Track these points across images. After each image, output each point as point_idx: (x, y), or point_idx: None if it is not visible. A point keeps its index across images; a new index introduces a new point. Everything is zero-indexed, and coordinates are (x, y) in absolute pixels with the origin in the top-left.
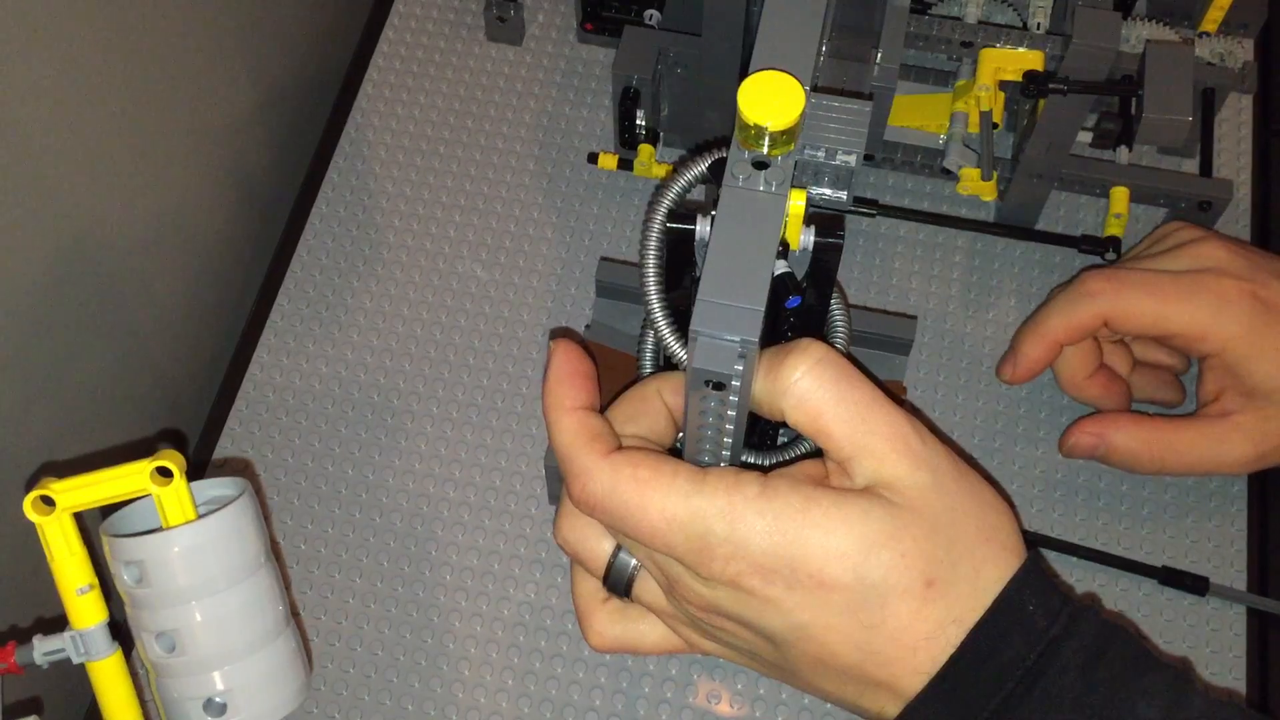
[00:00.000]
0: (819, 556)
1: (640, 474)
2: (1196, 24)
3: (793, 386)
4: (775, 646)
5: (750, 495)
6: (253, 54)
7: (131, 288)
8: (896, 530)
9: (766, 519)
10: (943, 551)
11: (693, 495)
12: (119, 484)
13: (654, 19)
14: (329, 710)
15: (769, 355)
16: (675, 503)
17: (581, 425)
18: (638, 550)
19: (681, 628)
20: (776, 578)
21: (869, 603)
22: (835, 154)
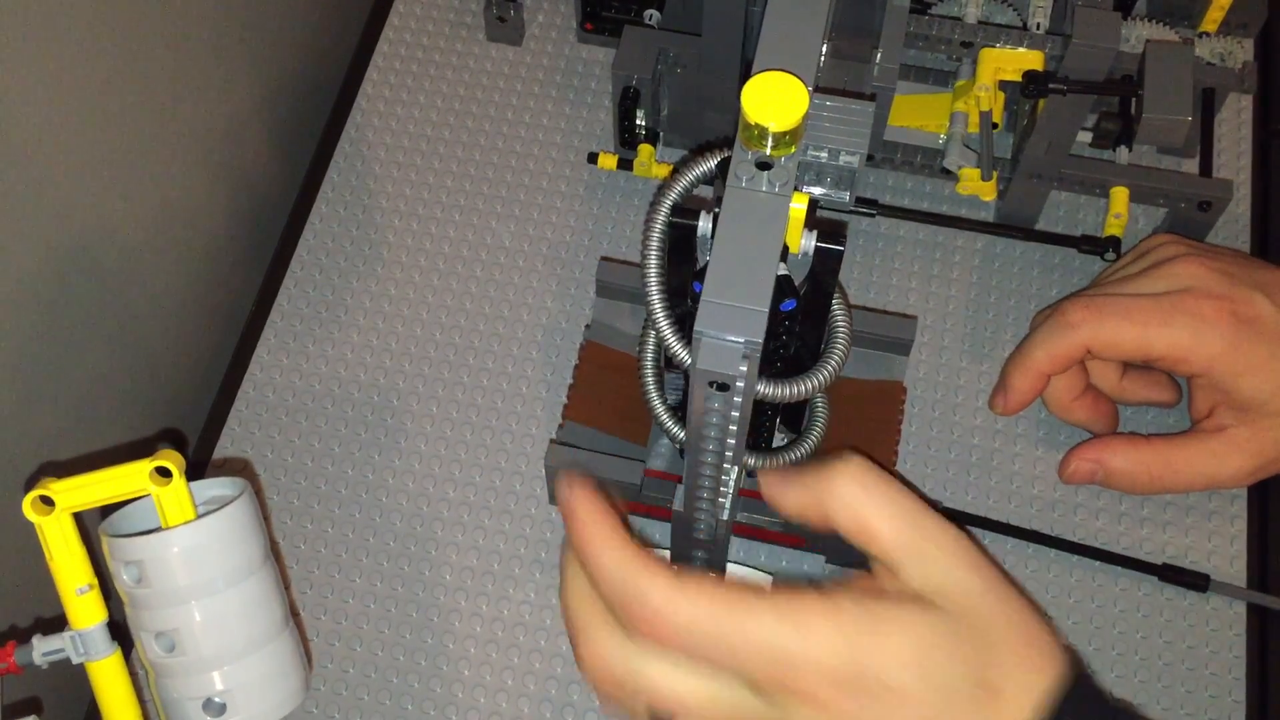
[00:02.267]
0: (887, 664)
1: (723, 595)
2: (1196, 24)
3: (840, 490)
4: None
5: (817, 610)
6: (253, 54)
7: (131, 288)
8: (954, 634)
9: (835, 630)
10: (997, 657)
11: (764, 614)
12: (118, 484)
13: (654, 19)
14: (329, 710)
15: (811, 468)
16: (754, 625)
17: (636, 552)
18: (688, 685)
19: None
20: (850, 689)
21: (934, 706)
22: (838, 155)
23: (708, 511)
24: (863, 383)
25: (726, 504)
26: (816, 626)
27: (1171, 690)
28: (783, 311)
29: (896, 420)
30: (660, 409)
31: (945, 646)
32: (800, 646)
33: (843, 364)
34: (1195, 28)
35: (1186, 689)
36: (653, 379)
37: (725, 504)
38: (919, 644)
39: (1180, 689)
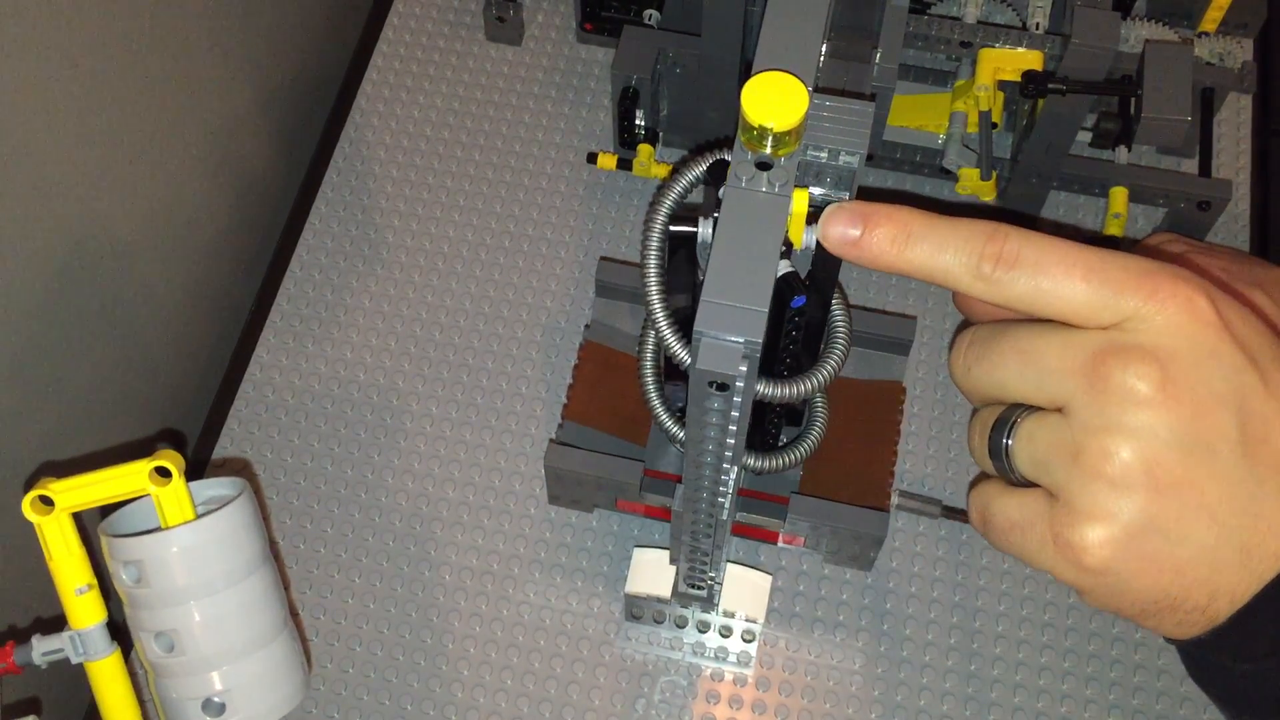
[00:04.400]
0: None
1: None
2: (1196, 24)
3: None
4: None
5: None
6: (253, 54)
7: (131, 288)
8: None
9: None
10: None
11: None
12: (118, 484)
13: (653, 19)
14: (328, 710)
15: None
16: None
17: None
18: (1041, 375)
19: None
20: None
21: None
22: (838, 155)
23: (707, 512)
24: (863, 383)
25: (726, 504)
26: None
27: (1171, 691)
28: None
29: (896, 420)
30: (660, 409)
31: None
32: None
33: (843, 364)
34: (1195, 28)
35: (1185, 691)
36: (653, 379)
37: (725, 504)
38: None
39: (1180, 690)
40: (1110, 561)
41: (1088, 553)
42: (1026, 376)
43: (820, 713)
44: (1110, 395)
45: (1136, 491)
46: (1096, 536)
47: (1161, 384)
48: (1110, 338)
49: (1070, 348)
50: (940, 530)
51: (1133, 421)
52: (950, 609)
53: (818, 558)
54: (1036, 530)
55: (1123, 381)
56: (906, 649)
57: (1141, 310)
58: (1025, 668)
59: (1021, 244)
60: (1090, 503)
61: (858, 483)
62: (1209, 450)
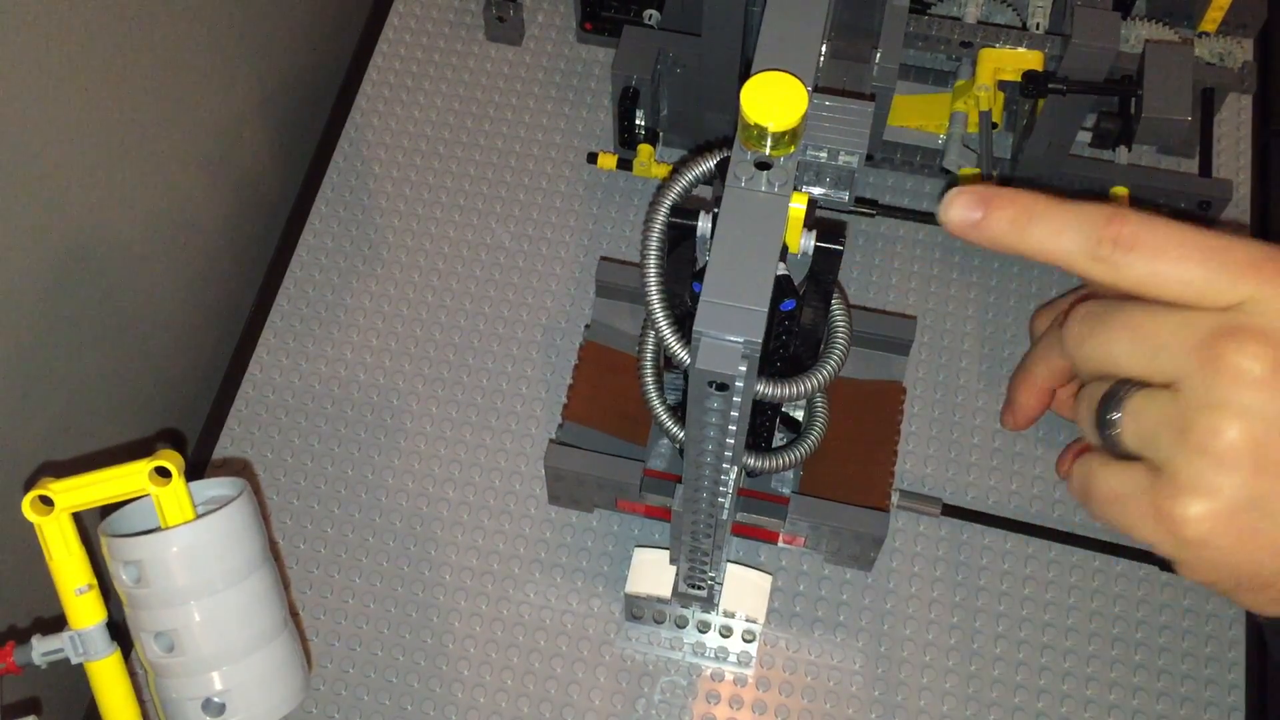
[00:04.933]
0: None
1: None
2: (1196, 24)
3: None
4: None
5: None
6: (253, 54)
7: (131, 288)
8: None
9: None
10: None
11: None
12: (118, 484)
13: (654, 19)
14: (329, 710)
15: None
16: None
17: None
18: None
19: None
20: None
21: None
22: (837, 155)
23: (707, 512)
24: (863, 383)
25: (726, 504)
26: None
27: (1171, 691)
28: (783, 311)
29: (896, 420)
30: (660, 409)
31: None
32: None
33: (843, 364)
34: (1195, 28)
35: (1185, 691)
36: (653, 379)
37: (725, 504)
38: None
39: (1180, 690)
40: (1209, 535)
41: (1188, 525)
42: (1139, 352)
43: (820, 713)
44: (1223, 374)
45: (1241, 469)
46: (1198, 510)
47: (1276, 366)
48: (1227, 318)
49: (1186, 326)
50: (940, 530)
51: (1243, 401)
52: (950, 609)
53: (818, 558)
54: (1139, 502)
55: (1237, 361)
56: (906, 649)
57: (1258, 294)
58: (1025, 668)
59: (1139, 227)
60: (1194, 477)
61: (858, 483)
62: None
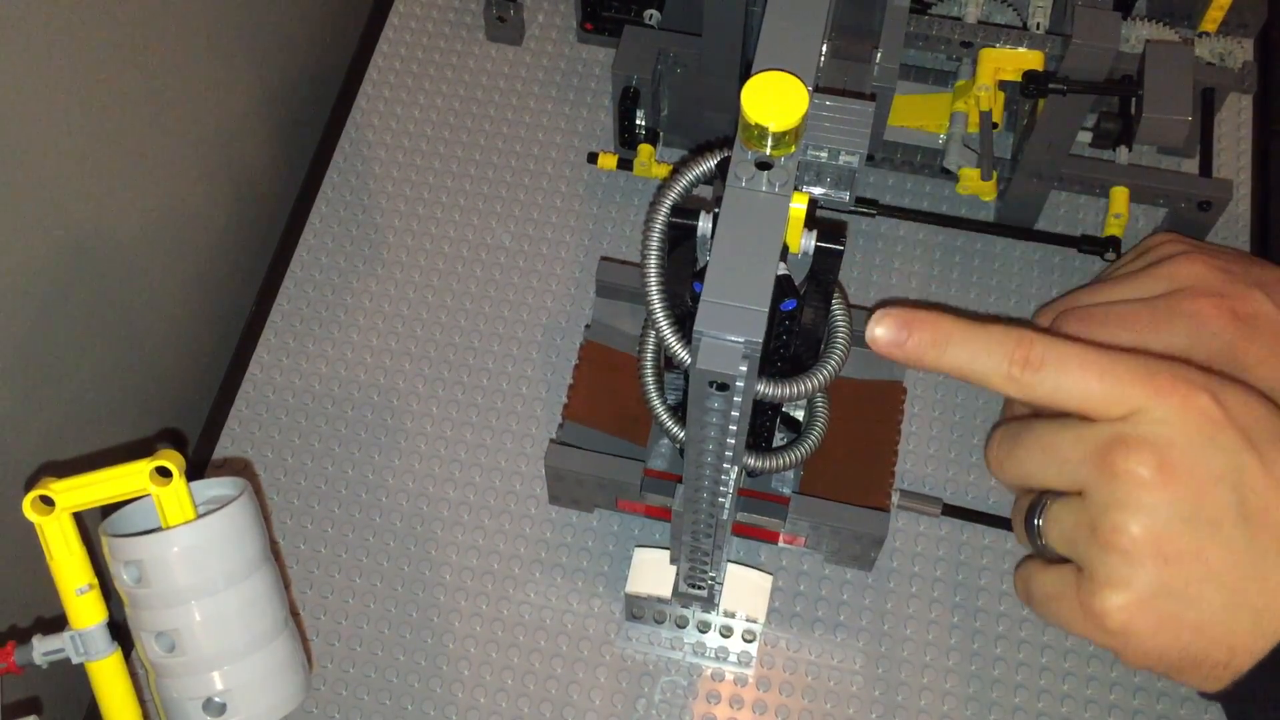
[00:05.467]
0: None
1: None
2: (1196, 24)
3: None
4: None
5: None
6: (253, 54)
7: (131, 288)
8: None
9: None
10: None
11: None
12: (118, 484)
13: (654, 19)
14: (329, 710)
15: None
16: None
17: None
18: (1062, 463)
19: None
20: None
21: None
22: (838, 155)
23: (708, 511)
24: (863, 383)
25: (726, 504)
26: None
27: (1171, 691)
28: (783, 311)
29: (896, 420)
30: (660, 409)
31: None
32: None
33: (843, 364)
34: (1195, 28)
35: (1185, 691)
36: (653, 379)
37: (725, 504)
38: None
39: (1180, 690)
40: (1130, 624)
41: (1109, 616)
42: (1048, 467)
43: (821, 713)
44: (1117, 479)
45: (1147, 561)
46: (1116, 602)
47: (1160, 467)
48: (1116, 429)
49: (1083, 440)
50: (940, 530)
51: (1139, 501)
52: (950, 609)
53: (818, 558)
54: (1068, 599)
55: (1126, 467)
56: (906, 649)
57: (1146, 404)
58: (1025, 668)
59: (1045, 348)
60: (1108, 572)
61: (858, 483)
62: (1211, 524)
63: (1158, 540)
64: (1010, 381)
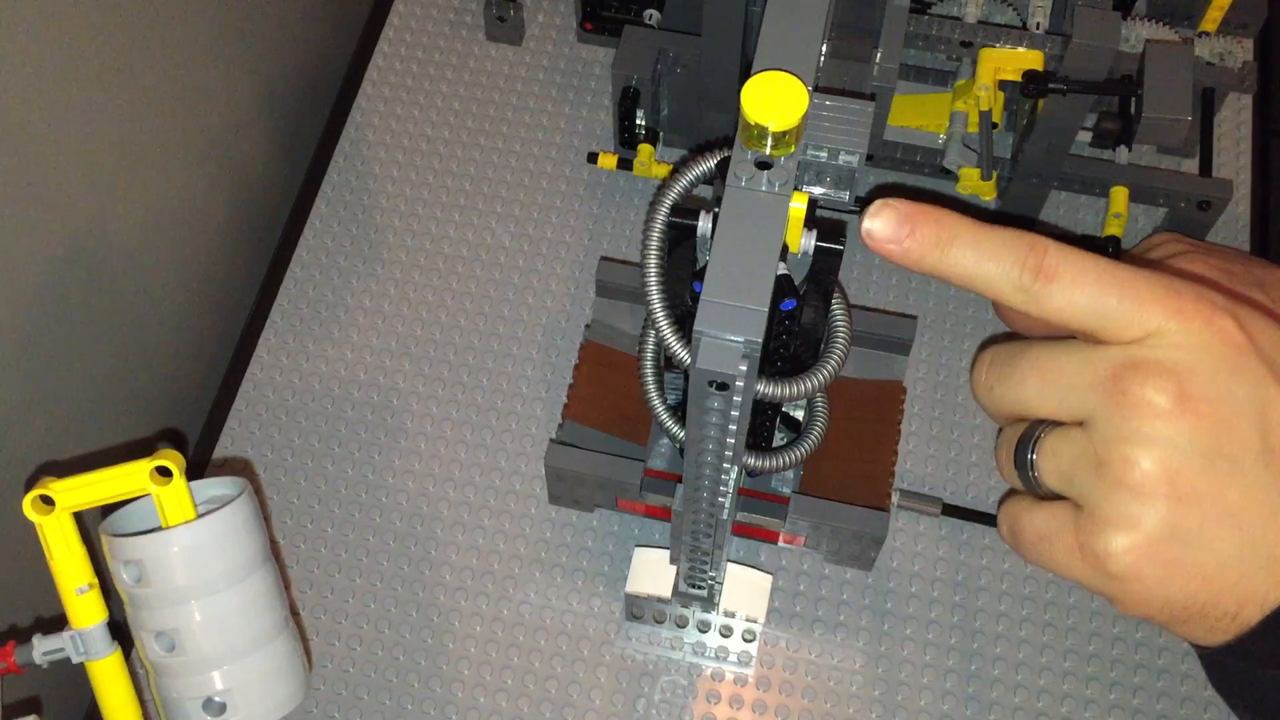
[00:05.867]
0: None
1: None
2: (1196, 24)
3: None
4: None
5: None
6: (253, 54)
7: (131, 288)
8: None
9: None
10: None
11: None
12: (118, 483)
13: (654, 19)
14: (329, 710)
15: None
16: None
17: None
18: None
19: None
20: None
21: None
22: (838, 154)
23: (708, 511)
24: (863, 383)
25: (726, 504)
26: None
27: (1171, 691)
28: (783, 311)
29: (896, 420)
30: (660, 409)
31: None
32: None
33: (842, 364)
34: (1195, 28)
35: (1185, 691)
36: (653, 379)
37: (725, 504)
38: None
39: (1180, 690)
40: (1135, 568)
41: (1113, 559)
42: (1047, 393)
43: (821, 712)
44: (1130, 408)
45: (1159, 499)
46: (1121, 544)
47: (1180, 397)
48: (1130, 353)
49: (1090, 364)
50: (940, 530)
51: (1153, 432)
52: (950, 609)
53: (818, 557)
54: (1063, 540)
55: (1141, 394)
56: (906, 649)
57: (1165, 326)
58: (1025, 668)
59: (1060, 258)
60: (1114, 511)
61: (858, 483)
62: (1231, 461)
63: (1172, 477)
64: (1019, 291)
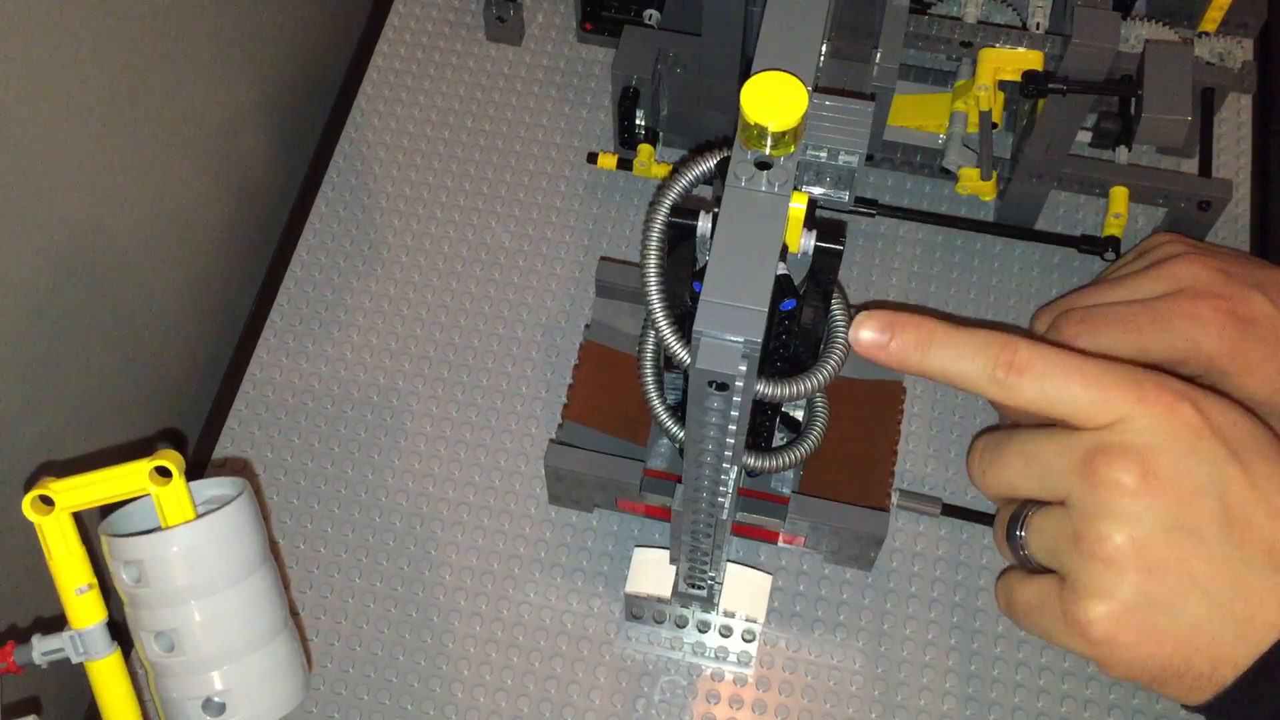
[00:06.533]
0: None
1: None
2: (1196, 24)
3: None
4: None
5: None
6: (253, 54)
7: (131, 288)
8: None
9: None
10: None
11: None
12: (118, 484)
13: (654, 19)
14: (328, 710)
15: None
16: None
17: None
18: (1047, 464)
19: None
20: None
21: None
22: (838, 154)
23: (707, 511)
24: (863, 383)
25: (726, 504)
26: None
27: None
28: (782, 311)
29: (896, 420)
30: (660, 409)
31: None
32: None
33: (842, 364)
34: (1195, 28)
35: None
36: (653, 379)
37: (725, 504)
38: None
39: None
40: (1112, 633)
41: (1092, 626)
42: (1030, 475)
43: (820, 713)
44: (1101, 488)
45: (1130, 570)
46: (1098, 611)
47: (1145, 476)
48: (1100, 438)
49: (1066, 449)
50: (940, 530)
51: (1122, 509)
52: (950, 609)
53: (818, 558)
54: (1050, 610)
55: (1110, 475)
56: (906, 649)
57: (1130, 413)
58: (1025, 668)
59: (1031, 354)
60: (1090, 581)
61: (858, 483)
62: (1195, 533)
63: (1141, 549)
64: (994, 384)
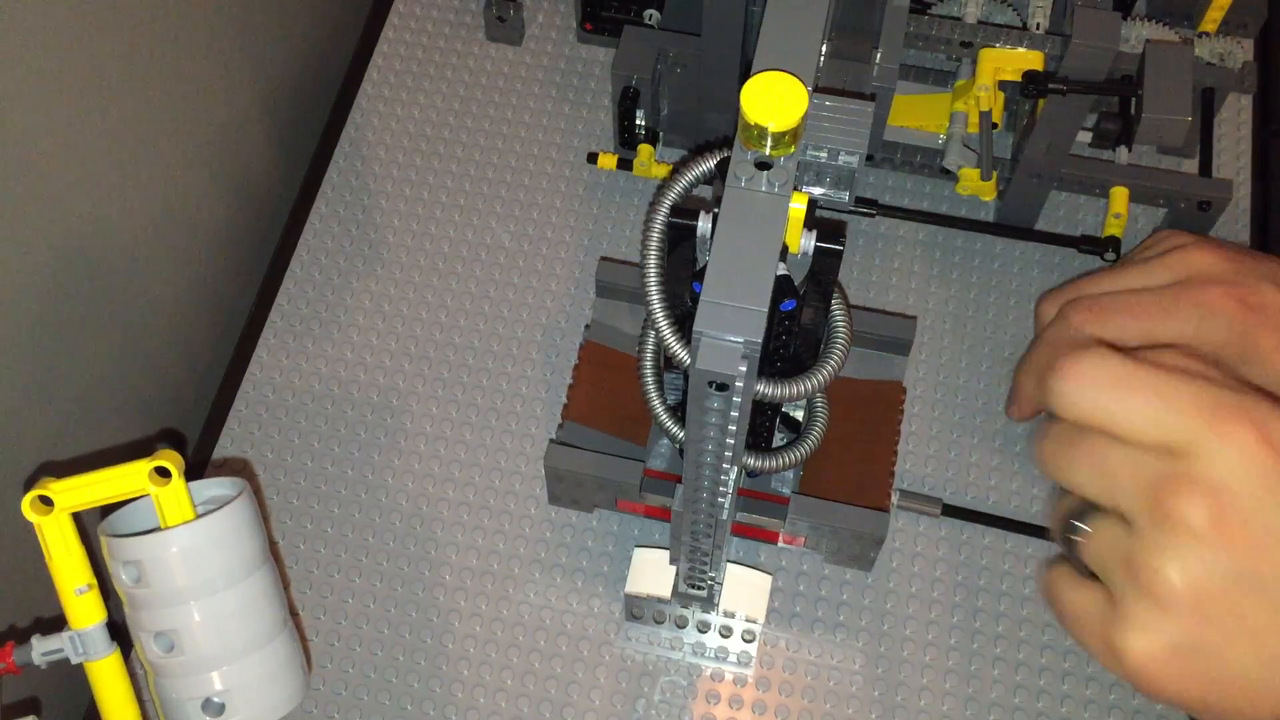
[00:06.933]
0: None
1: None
2: (1196, 24)
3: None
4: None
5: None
6: (253, 54)
7: (131, 288)
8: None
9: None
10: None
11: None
12: (117, 484)
13: (654, 19)
14: (328, 710)
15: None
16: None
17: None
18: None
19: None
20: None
21: None
22: (838, 155)
23: (707, 512)
24: (863, 383)
25: (726, 504)
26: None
27: None
28: (782, 311)
29: (896, 420)
30: (660, 409)
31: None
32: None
33: (842, 364)
34: (1195, 28)
35: None
36: (653, 379)
37: (725, 504)
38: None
39: None
40: (1148, 669)
41: (1129, 656)
42: (1099, 483)
43: (820, 713)
44: (1167, 522)
45: (1182, 614)
46: (1138, 644)
47: (1217, 519)
48: (1174, 467)
49: (1140, 468)
50: (940, 530)
51: (1186, 551)
52: (950, 609)
53: (818, 558)
54: (1091, 626)
55: (1181, 512)
56: (906, 649)
57: (1206, 444)
58: (1025, 668)
59: (1088, 361)
60: (1137, 615)
61: (858, 483)
62: (1259, 583)
63: (1198, 595)
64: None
